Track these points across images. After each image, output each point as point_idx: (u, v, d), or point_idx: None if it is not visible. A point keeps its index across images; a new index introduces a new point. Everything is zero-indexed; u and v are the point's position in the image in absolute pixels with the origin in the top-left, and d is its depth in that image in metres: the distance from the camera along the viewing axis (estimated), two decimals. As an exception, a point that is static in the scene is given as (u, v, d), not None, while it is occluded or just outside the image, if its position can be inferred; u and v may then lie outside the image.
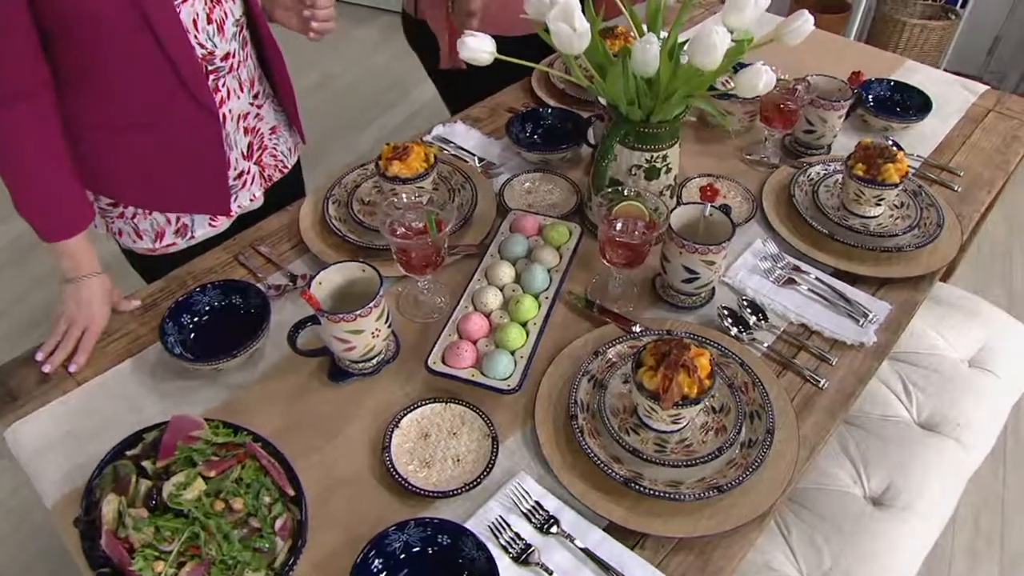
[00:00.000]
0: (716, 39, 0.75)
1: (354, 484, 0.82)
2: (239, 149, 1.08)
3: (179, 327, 0.96)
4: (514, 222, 1.07)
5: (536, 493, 0.80)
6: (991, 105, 1.40)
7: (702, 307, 1.01)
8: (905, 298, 1.03)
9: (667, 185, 1.04)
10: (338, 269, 0.89)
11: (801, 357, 0.95)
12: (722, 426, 0.84)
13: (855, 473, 1.17)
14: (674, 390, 0.76)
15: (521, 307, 0.93)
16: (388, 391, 0.91)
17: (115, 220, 1.06)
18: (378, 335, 0.87)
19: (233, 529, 0.68)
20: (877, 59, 1.55)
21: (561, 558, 0.75)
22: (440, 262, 0.94)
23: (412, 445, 0.84)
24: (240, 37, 1.01)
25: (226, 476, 0.71)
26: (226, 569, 0.67)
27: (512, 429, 0.87)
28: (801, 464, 0.83)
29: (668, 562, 0.75)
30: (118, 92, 0.91)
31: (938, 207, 1.13)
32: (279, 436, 0.85)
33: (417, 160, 1.06)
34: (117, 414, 0.89)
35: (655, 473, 0.80)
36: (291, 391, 0.92)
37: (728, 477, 0.79)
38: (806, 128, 1.24)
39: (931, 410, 1.25)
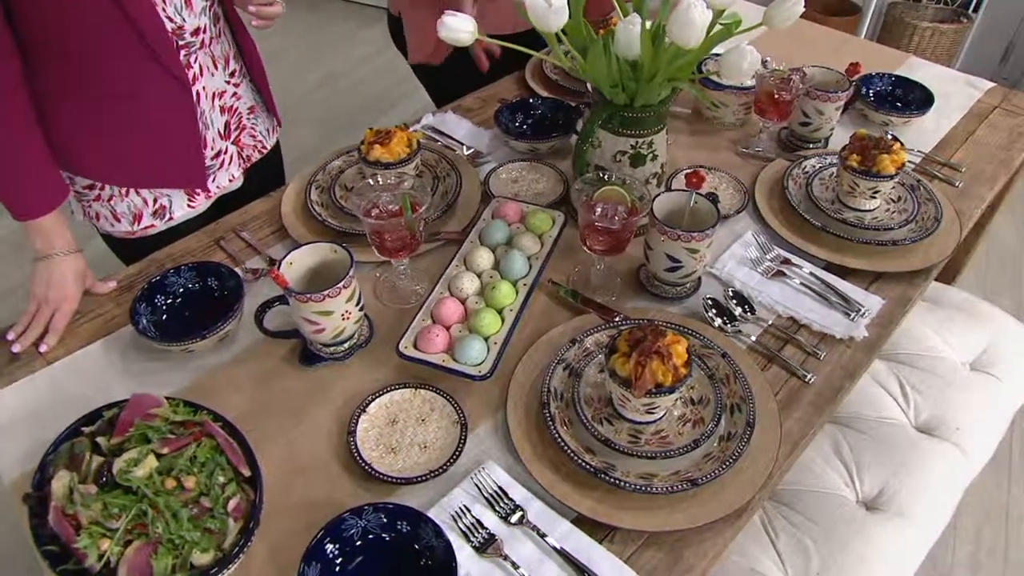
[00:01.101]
0: (695, 14, 0.72)
1: (318, 469, 0.80)
2: (216, 128, 1.07)
3: (152, 308, 0.94)
4: (497, 209, 1.05)
5: (503, 482, 0.77)
6: (996, 102, 1.36)
7: (687, 298, 0.98)
8: (899, 293, 1.00)
9: (653, 172, 1.01)
10: (310, 250, 0.87)
11: (788, 351, 0.92)
12: (700, 418, 0.81)
13: (847, 476, 1.13)
14: (647, 377, 0.73)
15: (497, 293, 0.91)
16: (359, 376, 0.89)
17: (92, 203, 1.04)
18: (348, 317, 0.85)
19: (183, 508, 0.66)
20: (881, 55, 1.52)
21: (526, 550, 0.72)
22: (415, 245, 0.92)
23: (379, 431, 0.82)
24: (211, 12, 0.99)
25: (180, 454, 0.69)
26: (173, 548, 0.64)
27: (484, 417, 0.84)
28: (782, 460, 0.80)
29: (637, 557, 0.72)
30: (86, 63, 0.90)
31: (936, 202, 1.09)
32: (246, 418, 0.84)
33: (399, 145, 1.05)
34: (84, 394, 0.87)
35: (628, 465, 0.77)
36: (261, 374, 0.90)
37: (704, 471, 0.75)
38: (802, 120, 1.21)
39: (929, 413, 1.21)
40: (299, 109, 2.95)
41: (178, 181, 1.05)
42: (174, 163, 1.03)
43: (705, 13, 0.74)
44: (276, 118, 1.24)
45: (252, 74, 1.14)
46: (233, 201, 1.16)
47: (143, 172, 1.02)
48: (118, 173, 1.00)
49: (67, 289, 0.93)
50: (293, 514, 0.75)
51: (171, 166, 1.03)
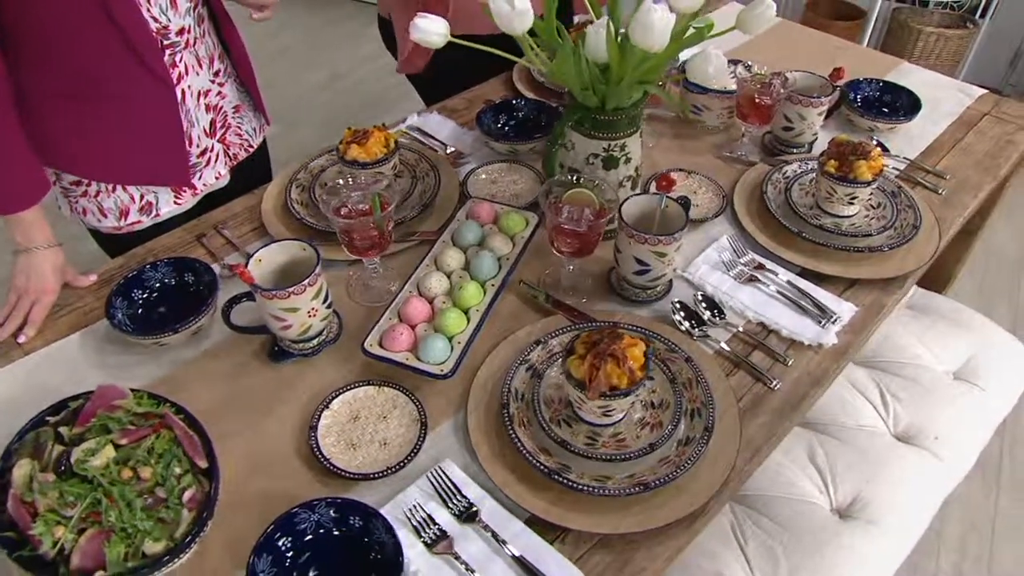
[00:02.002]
0: (654, 18, 0.73)
1: (279, 464, 0.81)
2: (201, 126, 1.09)
3: (129, 302, 0.96)
4: (471, 209, 1.05)
5: (459, 480, 0.78)
6: (987, 109, 1.35)
7: (657, 301, 0.98)
8: (873, 299, 0.99)
9: (628, 176, 1.02)
10: (279, 247, 0.88)
11: (756, 356, 0.92)
12: (659, 422, 0.81)
13: (821, 483, 1.12)
14: (600, 380, 0.73)
15: (464, 293, 0.92)
16: (326, 373, 0.90)
17: (79, 199, 1.07)
18: (315, 315, 0.86)
19: (137, 497, 0.67)
20: (873, 60, 1.51)
21: (476, 549, 0.73)
22: (385, 244, 0.93)
23: (341, 427, 0.83)
24: (196, 13, 1.01)
25: (138, 445, 0.71)
26: (126, 537, 0.66)
27: (446, 415, 0.85)
28: (741, 466, 0.80)
29: (588, 559, 0.73)
30: (70, 62, 0.92)
31: (916, 209, 1.08)
32: (214, 412, 0.85)
33: (376, 145, 1.06)
34: (59, 385, 0.89)
35: (584, 467, 0.77)
36: (231, 369, 0.91)
37: (658, 474, 0.76)
38: (784, 125, 1.21)
39: (908, 421, 1.20)
40: (301, 108, 2.97)
41: (162, 179, 1.07)
42: (158, 161, 1.05)
43: (667, 17, 0.74)
44: (264, 116, 1.25)
45: (238, 73, 1.16)
46: (220, 198, 1.18)
47: (128, 170, 1.04)
48: (103, 170, 1.02)
49: (46, 282, 0.95)
50: (252, 507, 0.76)
51: (155, 164, 1.05)
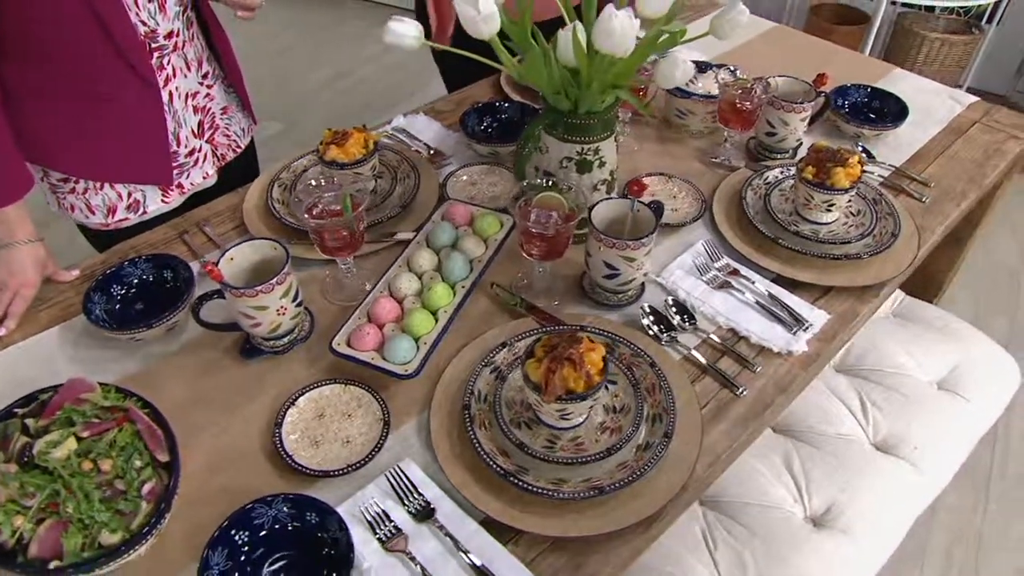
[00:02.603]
0: (615, 23, 0.73)
1: (244, 459, 0.82)
2: (189, 127, 1.11)
3: (108, 297, 0.98)
4: (446, 211, 1.06)
5: (417, 480, 0.79)
6: (978, 116, 1.34)
7: (628, 305, 0.98)
8: (848, 308, 0.99)
9: (602, 179, 1.02)
10: (251, 246, 0.89)
11: (724, 362, 0.92)
12: (619, 426, 0.81)
13: (796, 491, 1.12)
14: (556, 383, 0.73)
15: (433, 294, 0.92)
16: (296, 370, 0.91)
17: (67, 196, 1.09)
18: (284, 313, 0.88)
19: (95, 489, 0.69)
20: (866, 66, 1.50)
21: (430, 548, 0.73)
22: (356, 244, 0.94)
23: (306, 424, 0.84)
24: (184, 17, 1.03)
25: (101, 438, 0.72)
26: (83, 528, 0.67)
27: (410, 415, 0.86)
28: (701, 473, 0.80)
29: (540, 561, 0.73)
30: (57, 61, 0.94)
31: (896, 216, 1.07)
32: (184, 407, 0.87)
33: (355, 146, 1.07)
34: (35, 377, 0.90)
35: (541, 470, 0.78)
36: (203, 365, 0.92)
37: (614, 479, 0.76)
38: (767, 130, 1.20)
39: (888, 431, 1.19)
40: (303, 106, 3.00)
41: (146, 178, 1.09)
42: (142, 161, 1.07)
43: (629, 22, 0.75)
44: (252, 117, 1.27)
45: (227, 75, 1.17)
46: (209, 197, 1.19)
47: (113, 168, 1.06)
48: (89, 168, 1.04)
49: (27, 276, 0.97)
50: (214, 501, 0.78)
51: (140, 164, 1.07)
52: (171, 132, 1.08)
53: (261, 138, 1.28)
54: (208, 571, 0.68)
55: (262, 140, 1.31)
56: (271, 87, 3.11)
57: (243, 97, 1.21)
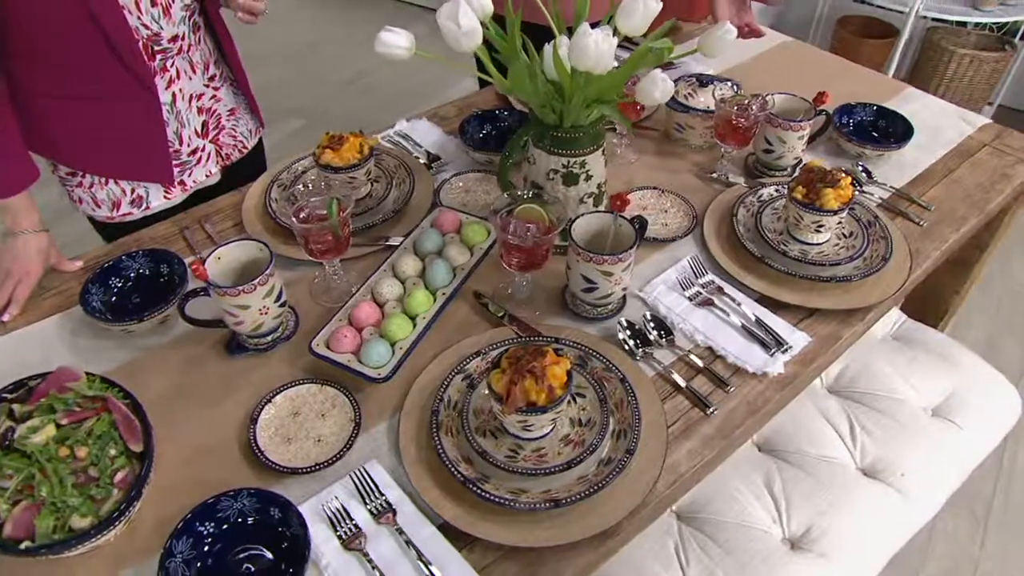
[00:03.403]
0: (588, 41, 0.74)
1: (219, 452, 0.85)
2: (192, 127, 1.15)
3: (106, 289, 1.02)
4: (436, 218, 1.08)
5: (381, 482, 0.81)
6: (988, 139, 1.31)
7: (609, 318, 0.99)
8: (830, 331, 0.98)
9: (589, 192, 1.02)
10: (238, 246, 0.92)
11: (698, 380, 0.92)
12: (582, 440, 0.82)
13: (775, 511, 1.11)
14: (517, 395, 0.75)
15: (413, 300, 0.94)
16: (277, 368, 0.94)
17: (74, 189, 1.14)
18: (266, 313, 0.90)
19: (70, 475, 0.72)
20: (878, 84, 1.47)
21: (386, 548, 0.75)
22: (342, 248, 0.96)
23: (281, 421, 0.87)
24: (191, 22, 1.06)
25: (79, 426, 0.76)
26: (55, 511, 0.71)
27: (382, 417, 0.88)
28: (662, 491, 0.80)
29: (493, 569, 0.74)
30: (59, 64, 0.98)
31: (890, 240, 1.06)
32: (167, 399, 0.90)
33: (351, 151, 1.09)
34: (34, 362, 0.95)
35: (503, 479, 0.79)
36: (190, 358, 0.96)
37: (572, 492, 0.77)
38: (764, 147, 1.20)
39: (876, 455, 1.18)
40: (328, 104, 3.05)
41: (147, 176, 1.13)
42: (142, 159, 1.11)
43: (606, 41, 0.75)
44: (260, 120, 1.31)
45: (235, 78, 1.21)
46: (213, 194, 1.23)
47: (114, 165, 1.10)
48: (92, 164, 1.09)
49: (30, 264, 1.01)
50: (188, 491, 0.80)
51: (139, 162, 1.11)
52: (173, 132, 1.11)
53: (285, 133, 1.32)
54: (171, 559, 0.71)
55: (286, 135, 1.35)
56: (297, 83, 3.17)
57: (251, 100, 1.25)
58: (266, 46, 3.56)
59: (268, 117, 1.25)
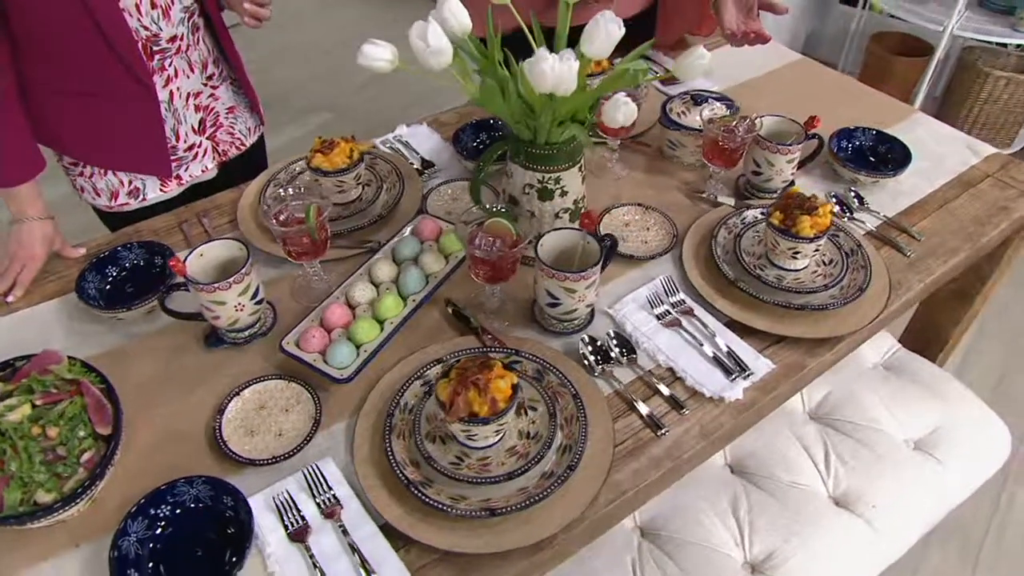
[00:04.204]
0: (544, 67, 0.75)
1: (187, 440, 0.89)
2: (189, 124, 1.20)
3: (102, 277, 1.08)
4: (417, 225, 1.11)
5: (333, 479, 0.84)
6: (992, 170, 1.27)
7: (576, 333, 1.00)
8: (796, 360, 0.98)
9: (564, 208, 1.04)
10: (221, 244, 0.97)
11: (655, 400, 0.93)
12: (527, 452, 0.84)
13: (738, 535, 1.11)
14: (460, 405, 0.77)
15: (382, 304, 0.97)
16: (251, 362, 0.98)
17: (77, 178, 1.20)
18: (241, 309, 0.95)
19: (39, 452, 0.77)
20: (886, 107, 1.44)
21: (328, 544, 0.79)
22: (319, 252, 1.00)
23: (247, 414, 0.91)
24: (190, 23, 1.11)
25: (53, 407, 0.81)
26: (23, 485, 0.76)
27: (342, 416, 0.91)
28: (601, 507, 0.82)
29: (427, 571, 0.77)
30: (60, 61, 1.04)
31: (869, 270, 1.05)
32: (146, 385, 0.95)
33: (340, 156, 1.13)
34: (29, 343, 1.00)
35: (446, 484, 0.82)
36: (172, 347, 1.01)
37: (510, 502, 0.79)
38: (753, 169, 1.19)
39: (848, 486, 1.16)
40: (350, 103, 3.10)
41: (145, 169, 1.19)
42: (140, 153, 1.17)
43: (565, 65, 0.77)
44: (260, 118, 1.36)
45: (236, 77, 1.26)
46: (211, 189, 1.29)
47: (113, 158, 1.16)
48: (92, 155, 1.15)
49: (34, 249, 1.08)
50: (155, 474, 0.85)
51: (137, 155, 1.17)
52: (170, 128, 1.17)
53: (308, 130, 1.34)
54: (125, 537, 0.76)
55: (309, 131, 1.37)
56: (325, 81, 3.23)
57: (251, 99, 1.30)
58: (296, 43, 3.66)
59: (292, 114, 1.29)
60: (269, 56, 3.65)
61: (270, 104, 2.99)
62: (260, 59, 3.60)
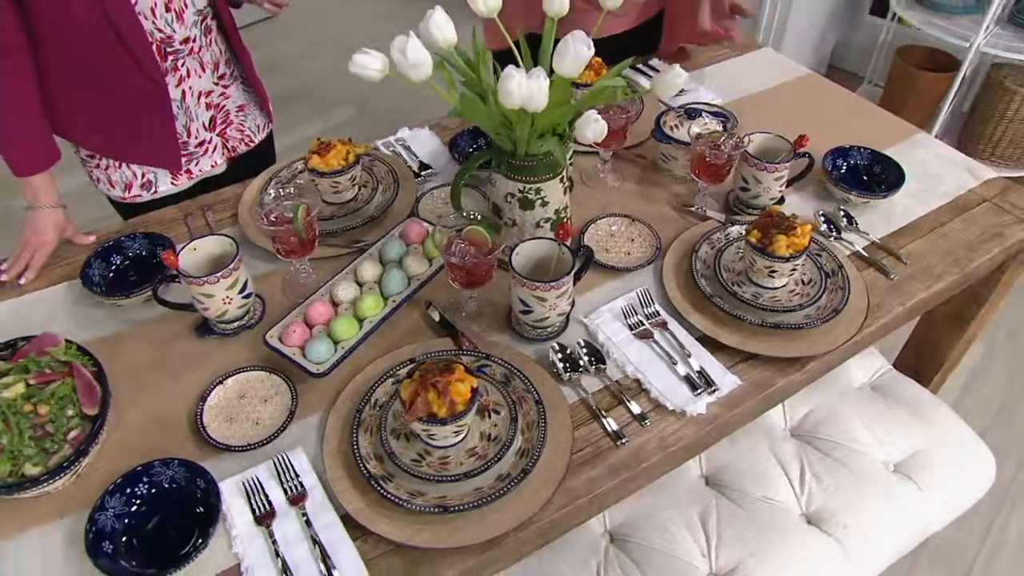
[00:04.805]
0: (511, 85, 0.78)
1: (170, 424, 0.94)
2: (200, 121, 1.26)
3: (107, 264, 1.14)
4: (405, 228, 1.14)
5: (301, 468, 0.88)
6: (991, 195, 1.26)
7: (547, 340, 1.03)
8: (763, 378, 0.99)
9: (545, 218, 1.07)
10: (213, 240, 1.02)
11: (618, 411, 0.95)
12: (485, 454, 0.87)
13: (704, 545, 1.13)
14: (419, 405, 0.81)
15: (363, 304, 1.01)
16: (237, 352, 1.03)
17: (94, 170, 1.27)
18: (229, 303, 1.00)
19: (29, 428, 0.83)
20: (886, 125, 1.43)
21: (291, 529, 0.83)
22: (306, 250, 1.05)
23: (228, 402, 0.96)
24: (203, 25, 1.17)
25: (45, 386, 0.87)
26: (12, 458, 0.82)
27: (317, 409, 0.96)
28: (555, 511, 0.84)
29: (379, 561, 0.81)
30: (77, 59, 1.11)
31: (847, 292, 1.05)
32: (139, 369, 1.01)
33: (336, 158, 1.17)
34: (36, 325, 1.07)
35: (406, 480, 0.85)
36: (166, 335, 1.06)
37: (464, 501, 0.82)
38: (742, 185, 1.20)
39: (821, 504, 1.17)
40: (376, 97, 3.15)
41: (156, 162, 1.25)
42: (151, 148, 1.24)
43: (534, 83, 0.79)
44: (269, 116, 1.41)
45: (246, 77, 1.32)
46: (220, 183, 1.35)
47: (126, 151, 1.23)
48: (107, 149, 1.22)
49: (46, 235, 1.15)
50: (138, 454, 0.90)
51: (149, 150, 1.24)
52: (181, 125, 1.23)
53: (331, 124, 1.37)
54: (103, 511, 0.81)
55: (334, 125, 1.40)
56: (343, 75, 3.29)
57: (261, 97, 1.35)
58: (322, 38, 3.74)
59: (318, 106, 1.32)
60: (297, 50, 3.74)
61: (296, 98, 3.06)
62: (288, 53, 3.69)
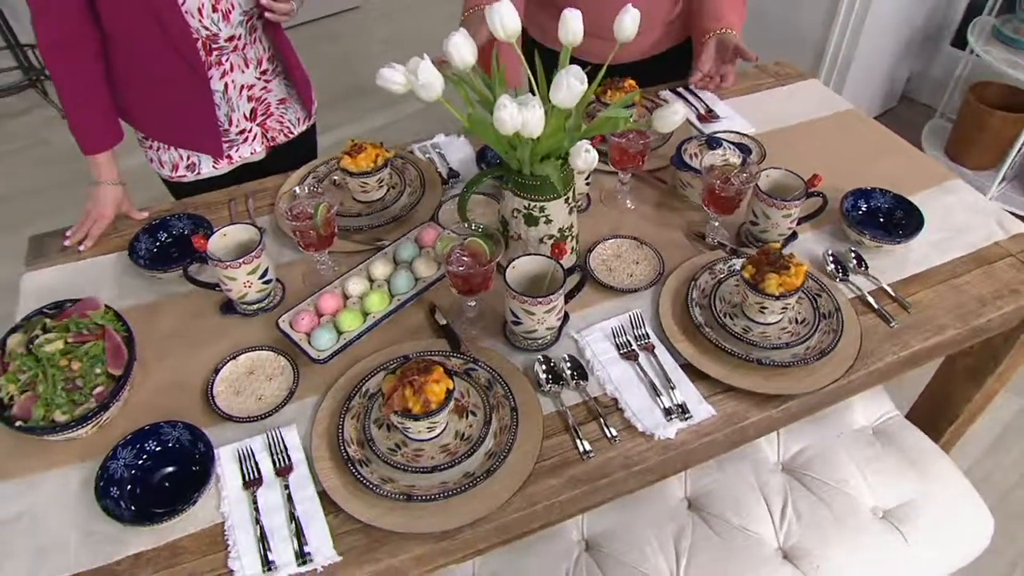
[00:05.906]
0: (503, 115, 0.83)
1: (185, 390, 1.05)
2: (241, 112, 1.38)
3: (153, 240, 1.27)
4: (420, 231, 1.22)
5: (291, 444, 0.97)
6: (1016, 249, 1.22)
7: (538, 351, 1.08)
8: (737, 411, 1.01)
9: (548, 235, 1.11)
10: (242, 228, 1.12)
11: (591, 426, 0.99)
12: (456, 452, 0.94)
13: (675, 567, 1.15)
14: (395, 400, 0.88)
15: (369, 300, 1.09)
16: (253, 332, 1.13)
17: (147, 150, 1.42)
18: (249, 287, 1.09)
19: (63, 380, 0.95)
20: (921, 168, 1.40)
21: (272, 498, 0.92)
22: (325, 245, 1.13)
23: (237, 376, 1.06)
24: (248, 25, 1.28)
25: (81, 345, 0.99)
26: (46, 405, 0.94)
27: (316, 391, 1.04)
28: (512, 514, 0.89)
29: (347, 537, 0.88)
30: (131, 51, 1.24)
31: (838, 336, 1.05)
32: (167, 337, 1.12)
33: (366, 160, 1.26)
34: (87, 287, 1.21)
35: (381, 466, 0.93)
36: (194, 309, 1.17)
37: (428, 492, 0.89)
38: (752, 219, 1.21)
39: (798, 540, 1.18)
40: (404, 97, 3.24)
41: (198, 147, 1.39)
42: (195, 134, 1.37)
43: (529, 112, 0.85)
44: (309, 111, 1.51)
45: (289, 73, 1.42)
46: (260, 170, 1.46)
47: (173, 136, 1.37)
48: (156, 132, 1.36)
49: (105, 209, 1.28)
50: (155, 414, 1.01)
51: (192, 135, 1.37)
52: (224, 114, 1.35)
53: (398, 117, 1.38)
54: (115, 460, 0.92)
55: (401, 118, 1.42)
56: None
57: (302, 93, 1.46)
58: (398, 35, 3.88)
59: (389, 99, 1.38)
60: (373, 46, 3.88)
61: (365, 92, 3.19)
62: (363, 48, 3.84)
